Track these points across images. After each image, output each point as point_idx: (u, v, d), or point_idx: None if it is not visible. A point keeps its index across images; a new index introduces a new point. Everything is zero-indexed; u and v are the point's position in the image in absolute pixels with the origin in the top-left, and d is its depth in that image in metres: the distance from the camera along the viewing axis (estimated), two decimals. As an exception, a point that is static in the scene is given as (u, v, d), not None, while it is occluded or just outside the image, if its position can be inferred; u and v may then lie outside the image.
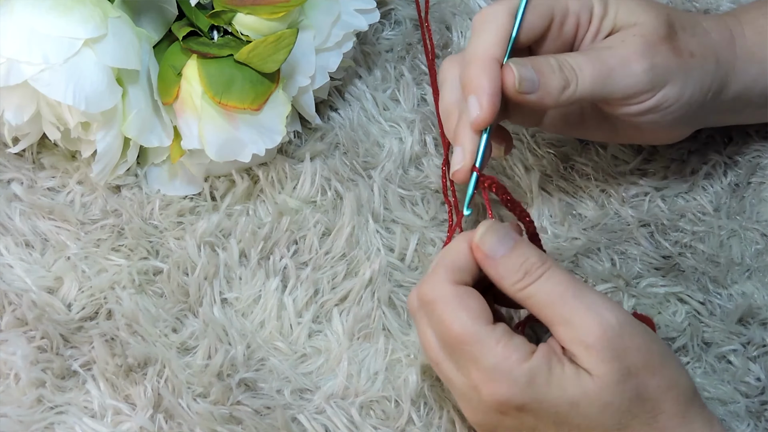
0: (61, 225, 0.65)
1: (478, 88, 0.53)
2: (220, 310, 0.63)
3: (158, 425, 0.58)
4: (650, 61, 0.56)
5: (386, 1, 0.75)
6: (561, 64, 0.55)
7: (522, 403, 0.49)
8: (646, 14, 0.57)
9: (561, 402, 0.49)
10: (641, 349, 0.50)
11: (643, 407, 0.49)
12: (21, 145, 0.66)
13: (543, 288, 0.50)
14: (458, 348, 0.50)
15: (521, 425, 0.50)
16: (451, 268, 0.52)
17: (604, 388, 0.49)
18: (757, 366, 0.62)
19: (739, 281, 0.65)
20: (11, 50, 0.59)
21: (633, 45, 0.56)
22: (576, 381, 0.49)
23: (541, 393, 0.49)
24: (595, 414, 0.49)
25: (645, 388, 0.49)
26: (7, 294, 0.62)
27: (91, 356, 0.60)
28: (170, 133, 0.64)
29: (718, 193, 0.67)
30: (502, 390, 0.49)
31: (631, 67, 0.56)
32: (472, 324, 0.50)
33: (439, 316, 0.51)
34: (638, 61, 0.56)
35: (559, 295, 0.50)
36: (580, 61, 0.55)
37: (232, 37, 0.63)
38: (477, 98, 0.53)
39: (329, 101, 0.71)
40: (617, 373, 0.49)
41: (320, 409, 0.60)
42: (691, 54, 0.58)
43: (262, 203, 0.66)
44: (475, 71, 0.54)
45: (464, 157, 0.55)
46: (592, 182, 0.68)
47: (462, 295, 0.51)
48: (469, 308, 0.50)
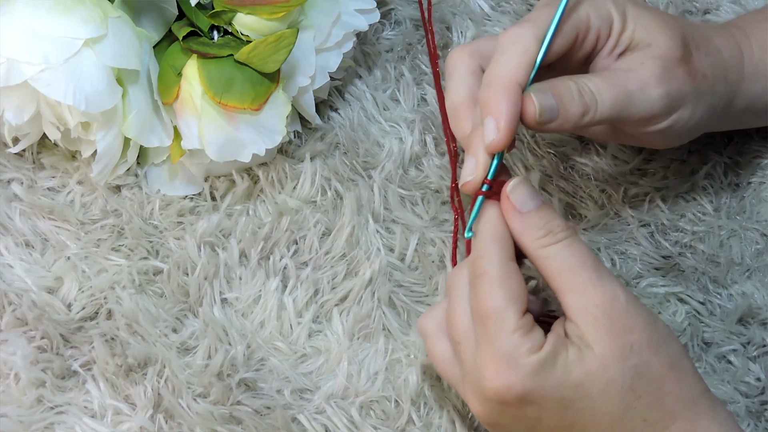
0: (61, 225, 0.65)
1: (497, 111, 0.52)
2: (220, 310, 0.63)
3: (158, 425, 0.58)
4: (667, 87, 0.56)
5: (386, 1, 0.75)
6: (581, 89, 0.54)
7: (525, 392, 0.49)
8: (663, 34, 0.57)
9: (565, 385, 0.49)
10: (646, 328, 0.50)
11: (647, 387, 0.50)
12: (21, 145, 0.66)
13: (562, 252, 0.51)
14: (483, 323, 0.50)
15: (523, 417, 0.50)
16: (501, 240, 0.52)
17: (607, 364, 0.49)
18: (757, 366, 0.62)
19: (739, 281, 0.65)
20: (11, 50, 0.59)
21: (651, 68, 0.56)
22: (579, 362, 0.49)
23: (545, 380, 0.49)
24: (598, 393, 0.49)
25: (648, 367, 0.50)
26: (7, 294, 0.62)
27: (91, 356, 0.60)
28: (170, 133, 0.64)
29: (718, 193, 0.67)
30: (508, 377, 0.49)
31: (649, 93, 0.56)
32: (505, 305, 0.50)
33: (483, 286, 0.51)
34: (656, 87, 0.56)
35: (576, 264, 0.51)
36: (600, 86, 0.55)
37: (232, 37, 0.63)
38: (495, 122, 0.52)
39: (329, 101, 0.71)
40: (620, 348, 0.49)
41: (320, 409, 0.60)
42: (704, 76, 0.58)
43: (262, 203, 0.66)
44: (497, 94, 0.53)
45: (476, 170, 0.54)
46: (592, 182, 0.68)
47: (510, 273, 0.51)
48: (509, 289, 0.51)
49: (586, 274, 0.50)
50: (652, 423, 0.50)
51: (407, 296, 0.64)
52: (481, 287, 0.51)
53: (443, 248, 0.65)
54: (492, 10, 0.75)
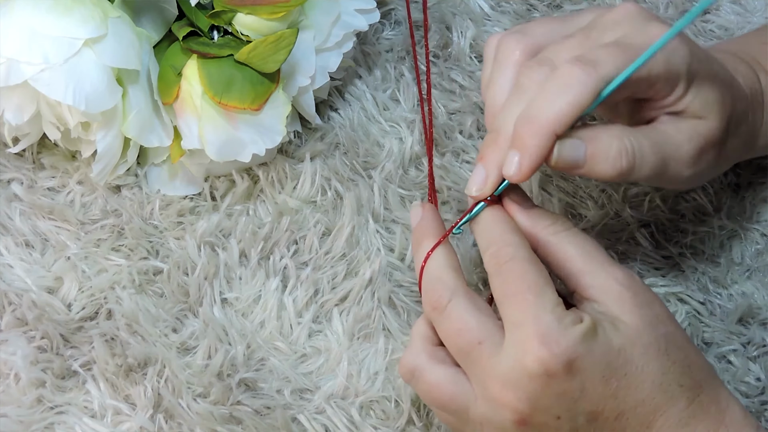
0: (61, 225, 0.65)
1: (526, 152, 0.52)
2: (220, 310, 0.63)
3: (158, 425, 0.58)
4: (697, 168, 0.56)
5: (386, 1, 0.75)
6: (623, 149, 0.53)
7: (574, 358, 0.49)
8: (716, 114, 0.56)
9: (610, 351, 0.50)
10: (662, 303, 0.52)
11: (678, 354, 0.51)
12: (21, 145, 0.66)
13: (574, 238, 0.53)
14: (520, 300, 0.50)
15: (568, 390, 0.49)
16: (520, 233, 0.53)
17: (641, 331, 0.50)
18: (757, 366, 0.62)
19: (739, 281, 0.65)
20: (11, 50, 0.59)
21: (690, 146, 0.55)
22: (616, 331, 0.50)
23: (592, 346, 0.49)
24: (639, 357, 0.50)
25: (674, 336, 0.51)
26: (7, 294, 0.62)
27: (91, 356, 0.60)
28: (170, 133, 0.64)
29: (718, 193, 0.67)
30: (558, 345, 0.49)
31: (681, 171, 0.56)
32: (544, 283, 0.51)
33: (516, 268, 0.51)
34: (689, 167, 0.56)
35: (590, 247, 0.53)
36: (645, 148, 0.54)
37: (232, 37, 0.63)
38: (520, 159, 0.52)
39: (329, 101, 0.71)
40: (648, 318, 0.51)
41: (320, 409, 0.60)
42: (727, 158, 0.59)
43: (262, 203, 0.66)
44: (533, 138, 0.52)
45: (485, 186, 0.54)
46: (592, 182, 0.68)
47: (537, 260, 0.52)
48: (542, 271, 0.51)
49: (600, 255, 0.52)
50: (687, 389, 0.50)
51: (407, 296, 0.64)
52: (513, 270, 0.51)
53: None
54: (492, 10, 0.75)
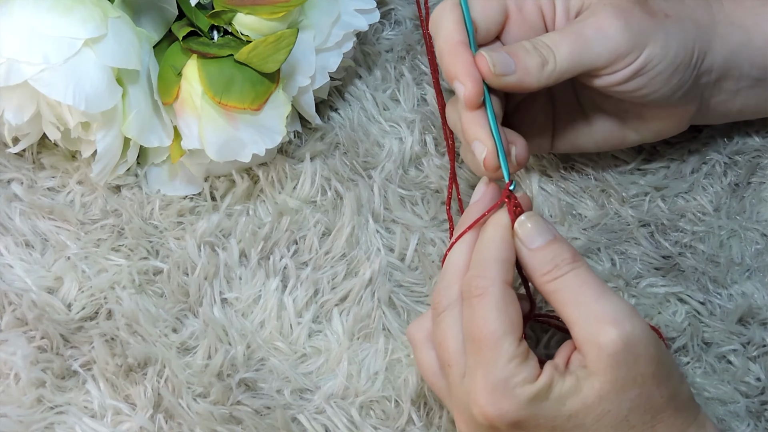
0: (61, 225, 0.65)
1: (455, 71, 0.55)
2: (220, 310, 0.63)
3: (158, 425, 0.58)
4: (624, 21, 0.56)
5: (386, 1, 0.75)
6: (535, 45, 0.56)
7: (517, 420, 0.49)
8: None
9: (559, 415, 0.49)
10: (652, 359, 0.50)
11: (642, 418, 0.50)
12: (21, 145, 0.66)
13: (568, 284, 0.51)
14: (477, 346, 0.50)
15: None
16: (505, 263, 0.52)
17: (604, 396, 0.49)
18: (757, 366, 0.62)
19: (739, 281, 0.65)
20: (11, 50, 0.59)
21: (605, 12, 0.57)
22: (575, 393, 0.49)
23: (538, 410, 0.49)
24: (592, 423, 0.49)
25: (648, 399, 0.50)
26: (7, 294, 0.62)
27: (91, 356, 0.60)
28: (170, 133, 0.64)
29: (718, 193, 0.67)
30: (501, 405, 0.49)
31: (607, 31, 0.56)
32: (503, 332, 0.49)
33: (481, 309, 0.50)
34: (612, 25, 0.56)
35: (583, 295, 0.50)
36: (555, 38, 0.56)
37: (232, 37, 0.63)
38: (459, 81, 0.55)
39: (329, 101, 0.71)
40: (622, 380, 0.49)
41: (320, 409, 0.60)
42: (666, 15, 0.58)
43: (262, 203, 0.66)
44: (449, 59, 0.55)
45: (485, 145, 0.54)
46: (592, 182, 0.68)
47: (509, 299, 0.51)
48: (508, 315, 0.50)
49: (591, 305, 0.50)
50: None
51: (407, 296, 0.64)
52: (478, 310, 0.50)
53: (443, 248, 0.65)
54: (492, 10, 0.75)
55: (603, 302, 0.50)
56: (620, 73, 0.57)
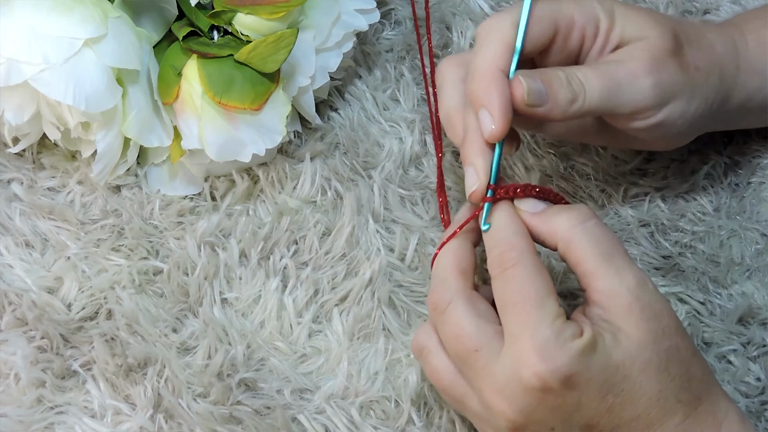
0: (61, 225, 0.65)
1: (488, 101, 0.53)
2: (220, 310, 0.63)
3: (158, 425, 0.58)
4: (657, 76, 0.56)
5: (386, 1, 0.75)
6: (569, 77, 0.55)
7: (572, 374, 0.49)
8: (653, 28, 0.57)
9: (608, 367, 0.49)
10: (672, 313, 0.51)
11: (679, 369, 0.50)
12: (21, 145, 0.66)
13: (590, 235, 0.51)
14: (519, 310, 0.50)
15: (562, 405, 0.50)
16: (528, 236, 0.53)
17: (644, 346, 0.50)
18: (757, 366, 0.62)
19: (739, 281, 0.65)
20: (11, 50, 0.59)
21: (641, 59, 0.56)
22: (616, 346, 0.50)
23: (590, 362, 0.49)
24: (637, 374, 0.49)
25: (677, 350, 0.50)
26: (7, 294, 0.62)
27: (91, 356, 0.60)
28: (170, 133, 0.64)
29: (718, 193, 0.67)
30: (556, 360, 0.49)
31: (639, 83, 0.56)
32: (546, 293, 0.50)
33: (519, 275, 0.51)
34: (645, 77, 0.56)
35: (604, 248, 0.51)
36: (589, 75, 0.55)
37: (232, 37, 0.63)
38: (489, 112, 0.53)
39: (329, 101, 0.71)
40: (654, 331, 0.50)
41: (320, 409, 0.60)
42: (697, 68, 0.58)
43: (262, 203, 0.66)
44: (483, 84, 0.53)
45: (478, 177, 0.54)
46: (592, 182, 0.68)
47: (541, 265, 0.51)
48: (546, 278, 0.51)
49: (617, 257, 0.51)
50: (685, 404, 0.50)
51: (407, 296, 0.64)
52: (515, 277, 0.51)
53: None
54: (492, 10, 0.75)
55: (624, 257, 0.51)
56: (639, 123, 0.58)
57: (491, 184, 0.53)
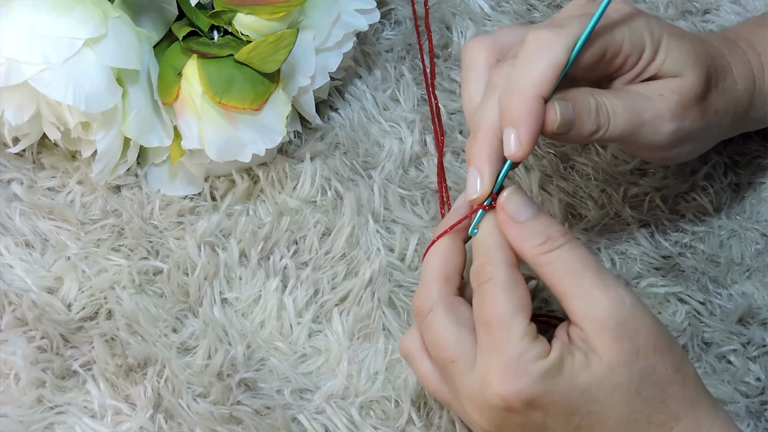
0: (61, 225, 0.65)
1: (520, 123, 0.51)
2: (220, 310, 0.63)
3: (158, 425, 0.58)
4: (680, 123, 0.56)
5: (386, 1, 0.75)
6: (599, 107, 0.54)
7: (533, 397, 0.49)
8: (691, 69, 0.56)
9: (572, 390, 0.49)
10: (651, 331, 0.50)
11: (652, 390, 0.50)
12: (21, 145, 0.66)
13: (563, 257, 0.51)
14: (488, 328, 0.50)
15: (528, 423, 0.50)
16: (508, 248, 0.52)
17: (614, 369, 0.49)
18: (757, 366, 0.62)
19: (739, 281, 0.65)
20: (11, 50, 0.59)
21: (668, 102, 0.56)
22: (585, 368, 0.49)
23: (553, 385, 0.49)
24: (605, 397, 0.49)
25: (653, 370, 0.50)
26: (7, 294, 0.62)
27: (91, 356, 0.60)
28: (170, 133, 0.64)
29: (718, 193, 0.67)
30: (516, 382, 0.49)
31: (661, 126, 0.56)
32: (513, 311, 0.50)
33: (490, 292, 0.50)
34: (669, 122, 0.56)
35: (578, 268, 0.50)
36: (618, 109, 0.54)
37: (232, 37, 0.63)
38: (517, 134, 0.52)
39: (329, 101, 0.71)
40: (627, 353, 0.49)
41: (320, 409, 0.60)
42: (716, 112, 0.58)
43: (262, 203, 0.66)
44: (521, 106, 0.52)
45: (482, 186, 0.53)
46: (592, 182, 0.68)
47: (516, 280, 0.51)
48: (517, 295, 0.50)
49: (589, 278, 0.50)
50: (657, 424, 0.50)
51: (407, 296, 0.64)
52: (487, 293, 0.50)
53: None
54: (492, 10, 0.75)
55: (600, 276, 0.50)
56: (649, 154, 0.59)
57: (493, 192, 0.53)
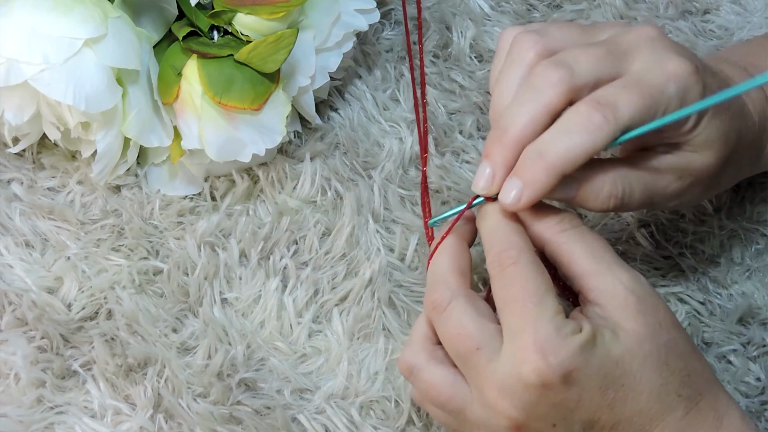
0: (61, 225, 0.65)
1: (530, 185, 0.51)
2: (220, 310, 0.63)
3: (158, 425, 0.58)
4: (682, 200, 0.57)
5: (386, 1, 0.75)
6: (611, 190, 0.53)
7: (572, 369, 0.49)
8: (714, 150, 0.55)
9: (607, 362, 0.49)
10: (667, 308, 0.52)
11: (678, 363, 0.50)
12: (21, 145, 0.66)
13: (583, 237, 0.52)
14: (520, 306, 0.50)
15: (563, 401, 0.49)
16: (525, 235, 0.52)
17: (642, 340, 0.50)
18: (757, 366, 0.62)
19: (739, 281, 0.65)
20: (11, 50, 0.59)
21: (681, 183, 0.55)
22: (615, 341, 0.50)
23: (590, 357, 0.49)
24: (637, 368, 0.49)
25: (676, 344, 0.50)
26: (7, 294, 0.62)
27: (91, 356, 0.60)
28: (170, 133, 0.64)
29: (719, 193, 0.67)
30: (558, 355, 0.49)
31: (665, 203, 0.57)
32: (546, 289, 0.50)
33: (519, 272, 0.51)
34: (674, 200, 0.56)
35: (599, 247, 0.52)
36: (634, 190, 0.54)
37: (232, 37, 0.63)
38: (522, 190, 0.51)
39: (329, 101, 0.71)
40: (651, 325, 0.50)
41: (320, 409, 0.60)
42: (719, 184, 0.59)
43: (262, 203, 0.66)
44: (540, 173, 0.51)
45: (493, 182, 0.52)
46: (592, 182, 0.68)
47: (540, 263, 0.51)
48: (546, 276, 0.51)
49: (608, 255, 0.51)
50: (685, 398, 0.50)
51: (407, 296, 0.64)
52: (515, 274, 0.51)
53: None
54: (492, 10, 0.75)
55: (615, 257, 0.52)
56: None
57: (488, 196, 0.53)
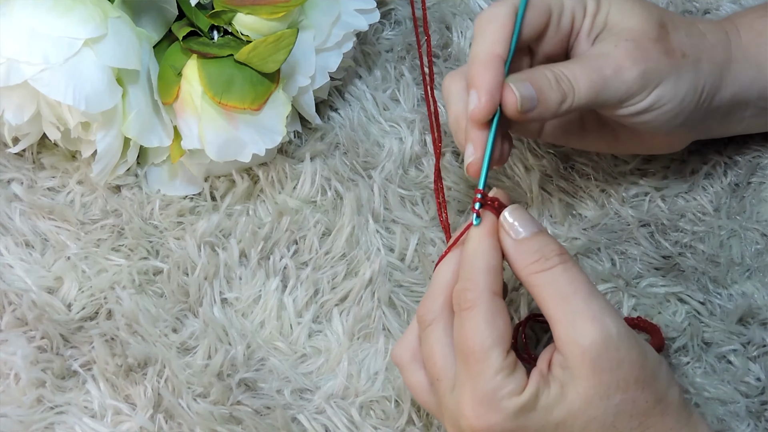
0: (61, 225, 0.65)
1: (479, 83, 0.54)
2: (220, 310, 0.63)
3: (158, 425, 0.58)
4: (642, 66, 0.57)
5: (386, 1, 0.75)
6: (558, 78, 0.55)
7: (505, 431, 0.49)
8: (638, 16, 0.58)
9: (546, 425, 0.49)
10: (635, 363, 0.49)
11: (629, 423, 0.49)
12: (21, 145, 0.66)
13: (554, 279, 0.50)
14: (465, 359, 0.50)
15: None
16: (492, 272, 0.51)
17: (589, 402, 0.49)
18: (757, 366, 0.62)
19: (739, 281, 0.65)
20: (11, 50, 0.59)
21: (625, 50, 0.57)
22: (561, 401, 0.49)
23: (526, 420, 0.49)
24: (579, 430, 0.49)
25: (633, 404, 0.49)
26: (7, 294, 0.62)
27: (91, 356, 0.60)
28: (170, 133, 0.64)
29: (718, 193, 0.67)
30: (488, 418, 0.49)
31: (625, 74, 0.56)
32: (490, 345, 0.49)
33: (470, 321, 0.50)
34: (631, 69, 0.56)
35: (569, 293, 0.50)
36: (576, 73, 0.56)
37: (232, 37, 0.63)
38: (477, 93, 0.54)
39: (329, 101, 0.71)
40: (605, 385, 0.49)
41: (320, 409, 0.60)
42: (683, 54, 0.58)
43: (262, 203, 0.66)
44: (478, 68, 0.55)
45: (475, 151, 0.54)
46: (592, 182, 0.68)
47: (497, 310, 0.50)
48: (496, 327, 0.50)
49: (576, 303, 0.49)
50: None
51: (407, 296, 0.64)
52: (467, 322, 0.50)
53: (443, 248, 0.65)
54: (492, 10, 0.75)
55: (590, 302, 0.49)
56: (629, 108, 0.58)
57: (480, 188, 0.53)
